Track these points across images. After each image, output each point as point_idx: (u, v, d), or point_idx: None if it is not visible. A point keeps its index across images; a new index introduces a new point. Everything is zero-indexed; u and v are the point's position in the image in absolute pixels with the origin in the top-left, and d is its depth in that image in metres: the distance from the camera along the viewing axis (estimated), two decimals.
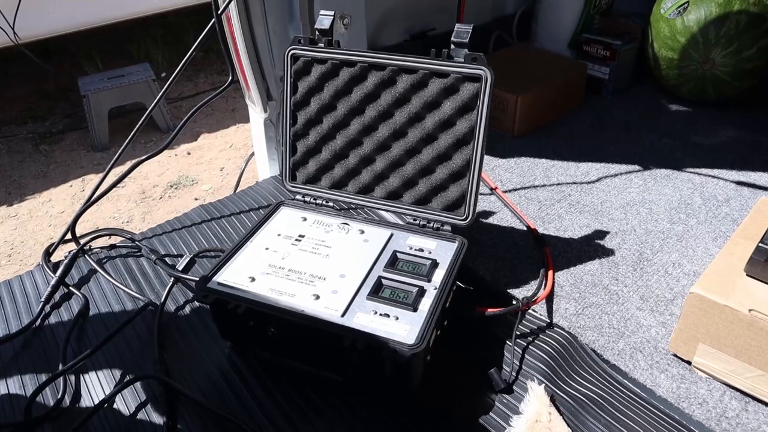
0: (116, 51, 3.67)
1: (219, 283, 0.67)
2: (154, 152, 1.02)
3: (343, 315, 0.63)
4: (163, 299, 0.80)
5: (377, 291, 0.66)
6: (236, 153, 2.79)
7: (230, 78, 1.07)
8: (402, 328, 0.61)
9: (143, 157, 1.00)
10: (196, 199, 2.46)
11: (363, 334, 0.60)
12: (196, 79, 3.48)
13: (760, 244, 0.65)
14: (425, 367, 0.64)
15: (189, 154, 2.80)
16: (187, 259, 0.88)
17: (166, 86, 1.02)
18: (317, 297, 0.65)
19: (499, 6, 1.53)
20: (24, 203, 2.47)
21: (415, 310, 0.63)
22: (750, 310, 0.62)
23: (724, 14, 1.17)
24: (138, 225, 2.24)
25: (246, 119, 3.01)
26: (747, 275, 0.67)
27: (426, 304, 0.64)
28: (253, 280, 0.68)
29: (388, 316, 0.63)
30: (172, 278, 0.84)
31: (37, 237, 2.24)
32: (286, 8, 1.06)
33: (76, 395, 0.69)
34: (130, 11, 3.10)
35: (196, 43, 0.98)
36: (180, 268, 0.86)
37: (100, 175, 0.97)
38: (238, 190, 1.11)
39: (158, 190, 2.51)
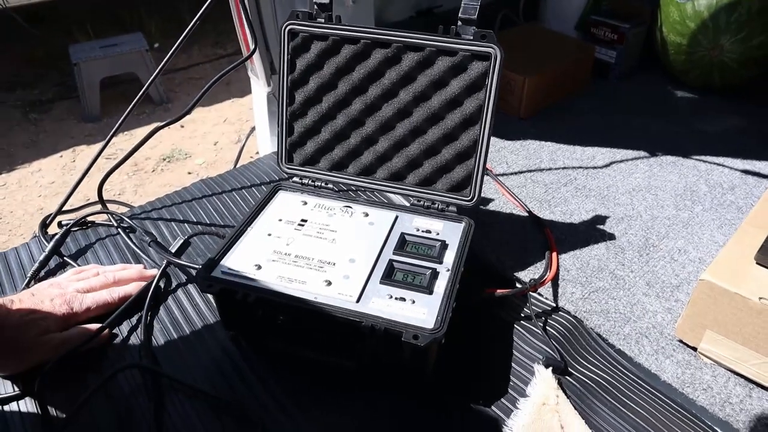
0: (108, 18, 3.58)
1: (224, 272, 0.65)
2: (174, 118, 0.94)
3: (358, 300, 0.62)
4: (155, 282, 0.77)
5: (390, 275, 0.65)
6: (230, 127, 2.75)
7: (254, 46, 1.01)
8: (420, 311, 0.60)
9: (162, 123, 0.95)
10: (189, 173, 2.42)
11: (382, 320, 0.59)
12: (189, 50, 3.41)
13: None
14: (440, 350, 0.64)
15: (182, 127, 2.75)
16: (181, 240, 0.85)
17: (165, 59, 0.98)
18: (329, 283, 0.64)
19: None
20: (13, 173, 2.42)
21: (430, 292, 0.63)
22: (760, 299, 0.62)
23: None
24: (130, 197, 2.21)
25: (241, 93, 2.96)
26: (757, 263, 0.67)
27: (441, 286, 0.63)
28: (259, 267, 0.66)
29: (404, 300, 0.62)
30: (165, 261, 0.80)
31: (27, 207, 2.20)
32: None
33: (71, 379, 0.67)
34: None
35: (198, 13, 0.94)
36: (173, 250, 0.83)
37: (92, 146, 0.93)
38: (237, 165, 1.09)
39: (151, 162, 2.47)
